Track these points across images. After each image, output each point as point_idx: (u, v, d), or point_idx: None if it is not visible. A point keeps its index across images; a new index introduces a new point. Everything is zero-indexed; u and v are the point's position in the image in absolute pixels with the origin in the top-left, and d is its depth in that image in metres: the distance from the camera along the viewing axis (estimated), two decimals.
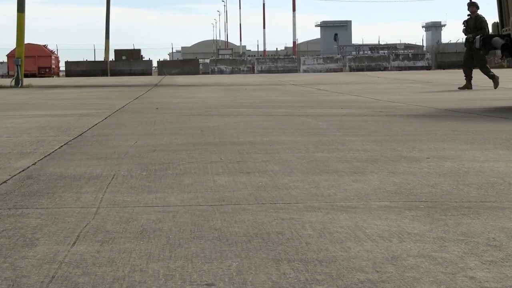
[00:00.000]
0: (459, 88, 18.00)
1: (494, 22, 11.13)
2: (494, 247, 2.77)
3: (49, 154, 5.72)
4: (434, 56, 73.62)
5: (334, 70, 54.61)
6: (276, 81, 28.82)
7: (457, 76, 34.27)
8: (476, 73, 18.33)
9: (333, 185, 4.19)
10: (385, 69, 66.38)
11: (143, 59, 58.65)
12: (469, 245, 2.81)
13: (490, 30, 11.14)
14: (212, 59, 59.02)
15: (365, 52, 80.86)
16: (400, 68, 66.51)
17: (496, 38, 10.28)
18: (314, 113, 10.26)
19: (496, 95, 14.93)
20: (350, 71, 56.52)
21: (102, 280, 2.43)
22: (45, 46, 60.53)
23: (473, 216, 3.33)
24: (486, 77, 17.87)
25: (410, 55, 70.78)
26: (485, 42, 10.46)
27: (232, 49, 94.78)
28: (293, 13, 73.11)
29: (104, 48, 60.24)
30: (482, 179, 4.33)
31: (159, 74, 52.68)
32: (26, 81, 27.60)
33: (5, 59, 58.49)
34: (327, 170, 4.75)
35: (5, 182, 4.43)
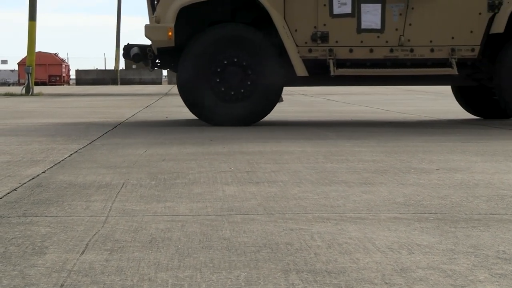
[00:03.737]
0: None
1: None
2: (504, 260, 2.76)
3: (59, 162, 5.73)
4: None
5: None
6: (285, 91, 28.83)
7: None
8: None
9: (342, 196, 4.18)
10: None
11: None
12: (479, 257, 2.80)
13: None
14: None
15: None
16: None
17: (135, 48, 9.92)
18: (323, 123, 10.26)
19: None
20: None
21: None
22: (55, 54, 60.80)
23: (482, 228, 3.32)
24: None
25: None
26: (126, 52, 10.12)
27: None
28: None
29: (114, 57, 60.45)
30: (492, 191, 4.32)
31: (169, 83, 52.78)
32: (37, 89, 27.69)
33: (16, 67, 58.76)
34: (336, 180, 4.75)
35: (15, 190, 4.44)
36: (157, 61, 9.94)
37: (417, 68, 9.59)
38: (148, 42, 9.83)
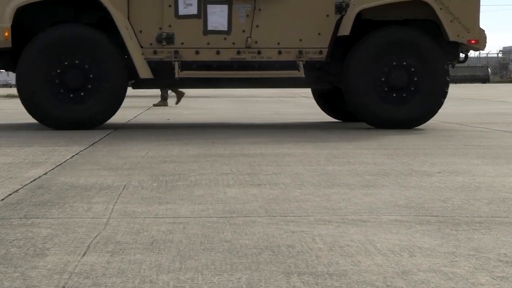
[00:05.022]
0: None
1: None
2: (505, 263, 2.76)
3: (60, 164, 5.73)
4: None
5: None
6: (287, 93, 28.83)
7: (469, 90, 34.36)
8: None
9: (344, 198, 4.18)
10: None
11: None
12: (480, 260, 2.80)
13: None
14: None
15: None
16: None
17: None
18: (325, 125, 10.26)
19: (509, 110, 14.90)
20: None
21: None
22: None
23: (484, 231, 3.32)
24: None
25: None
26: None
27: None
28: None
29: None
30: (493, 194, 4.32)
31: None
32: None
33: None
34: (338, 183, 4.75)
35: (16, 191, 4.44)
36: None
37: (264, 71, 9.44)
38: None
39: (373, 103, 9.39)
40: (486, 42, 9.61)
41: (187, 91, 27.89)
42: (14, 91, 31.12)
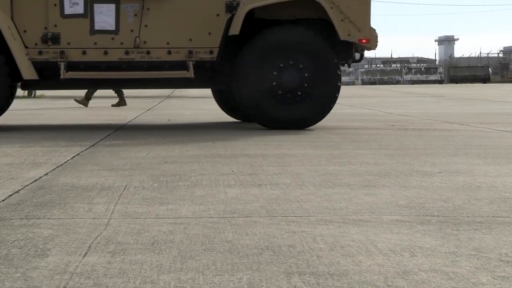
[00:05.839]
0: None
1: None
2: (507, 263, 2.76)
3: (61, 165, 5.73)
4: (446, 70, 73.55)
5: (347, 83, 54.69)
6: None
7: (470, 90, 34.31)
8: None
9: (345, 198, 4.18)
10: (398, 82, 66.47)
11: None
12: (481, 260, 2.80)
13: None
14: None
15: (378, 65, 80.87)
16: (412, 82, 66.46)
17: None
18: (326, 126, 10.25)
19: (510, 110, 14.90)
20: (363, 84, 56.46)
21: None
22: None
23: (485, 231, 3.32)
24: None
25: (422, 69, 70.94)
26: None
27: None
28: None
29: None
30: (494, 194, 4.32)
31: None
32: (39, 91, 27.71)
33: None
34: (338, 183, 4.75)
35: (17, 192, 4.44)
36: None
37: (153, 71, 9.29)
38: None
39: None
40: (377, 42, 9.49)
41: (186, 92, 27.80)
42: None
